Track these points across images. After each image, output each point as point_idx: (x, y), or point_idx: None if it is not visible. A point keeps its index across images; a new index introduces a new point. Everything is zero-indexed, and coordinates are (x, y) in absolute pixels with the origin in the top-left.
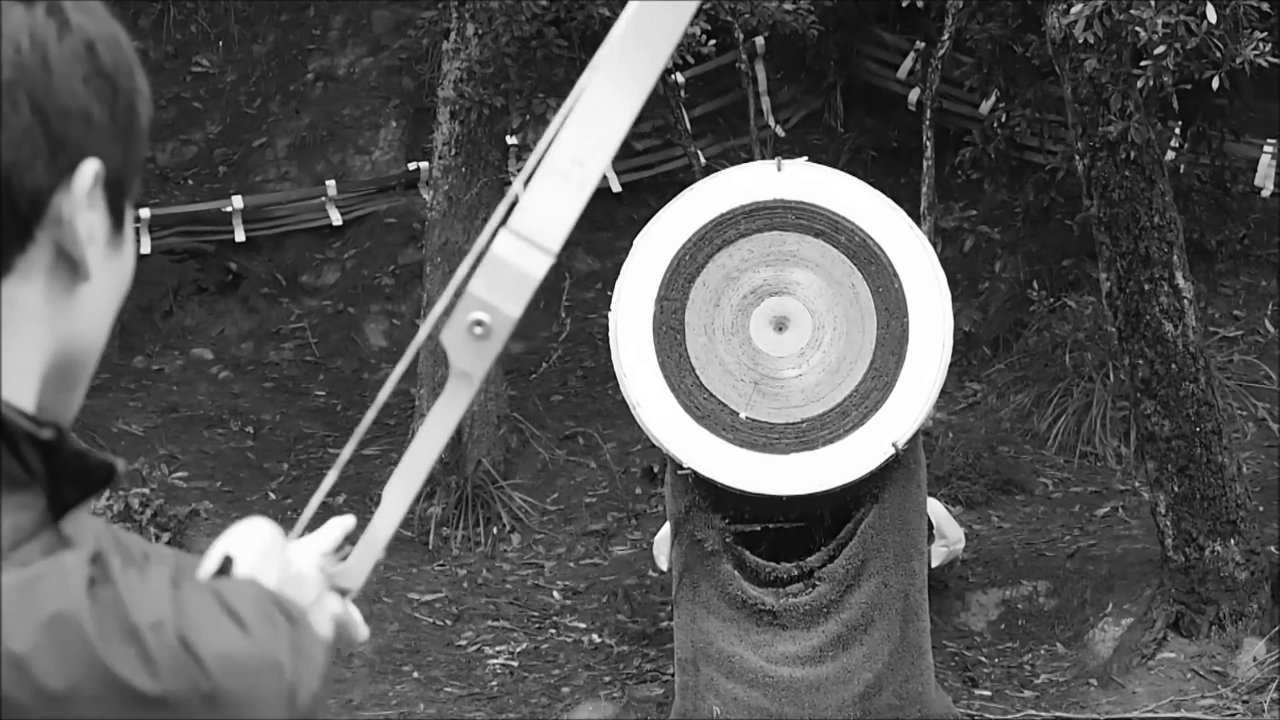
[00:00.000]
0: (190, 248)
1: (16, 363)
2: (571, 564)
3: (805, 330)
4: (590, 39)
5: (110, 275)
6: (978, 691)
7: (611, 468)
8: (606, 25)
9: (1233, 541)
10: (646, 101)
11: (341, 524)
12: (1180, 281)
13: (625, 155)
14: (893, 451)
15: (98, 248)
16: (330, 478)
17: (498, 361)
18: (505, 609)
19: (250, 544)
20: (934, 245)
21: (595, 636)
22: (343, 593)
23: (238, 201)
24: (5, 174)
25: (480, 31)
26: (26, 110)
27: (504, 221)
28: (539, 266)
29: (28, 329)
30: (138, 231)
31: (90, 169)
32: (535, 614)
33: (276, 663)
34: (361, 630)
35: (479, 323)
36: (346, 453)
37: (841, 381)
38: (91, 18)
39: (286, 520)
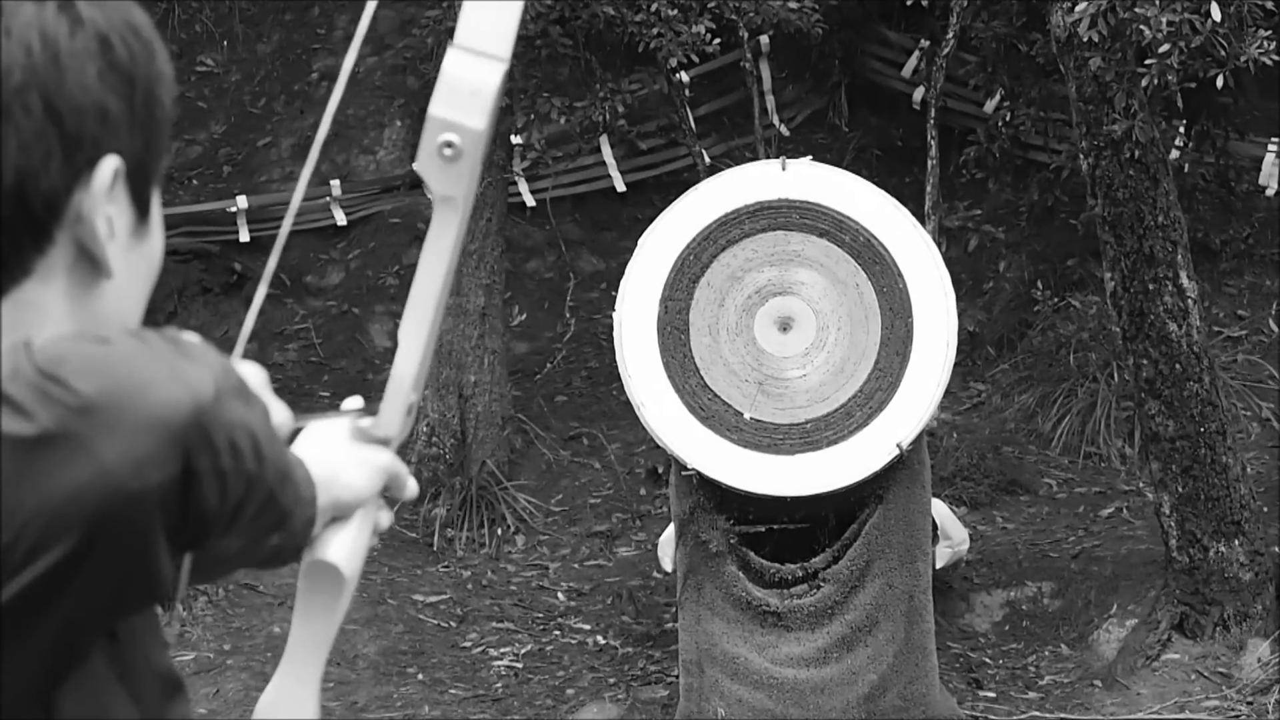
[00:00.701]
0: (194, 248)
1: None
2: (576, 565)
3: (810, 330)
4: (595, 38)
5: (136, 265)
6: (982, 693)
7: (616, 469)
8: (611, 24)
9: (1237, 542)
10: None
11: (351, 402)
12: (1184, 281)
13: (629, 155)
14: (897, 452)
15: (120, 241)
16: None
17: (501, 361)
18: (510, 611)
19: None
20: (938, 245)
21: (600, 638)
22: (384, 442)
23: (242, 201)
24: (19, 179)
25: None
26: (39, 111)
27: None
28: (493, 74)
29: (49, 328)
30: None
31: (109, 166)
32: (540, 615)
33: (147, 359)
34: (410, 484)
35: (448, 144)
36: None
37: (846, 382)
38: (104, 10)
39: None
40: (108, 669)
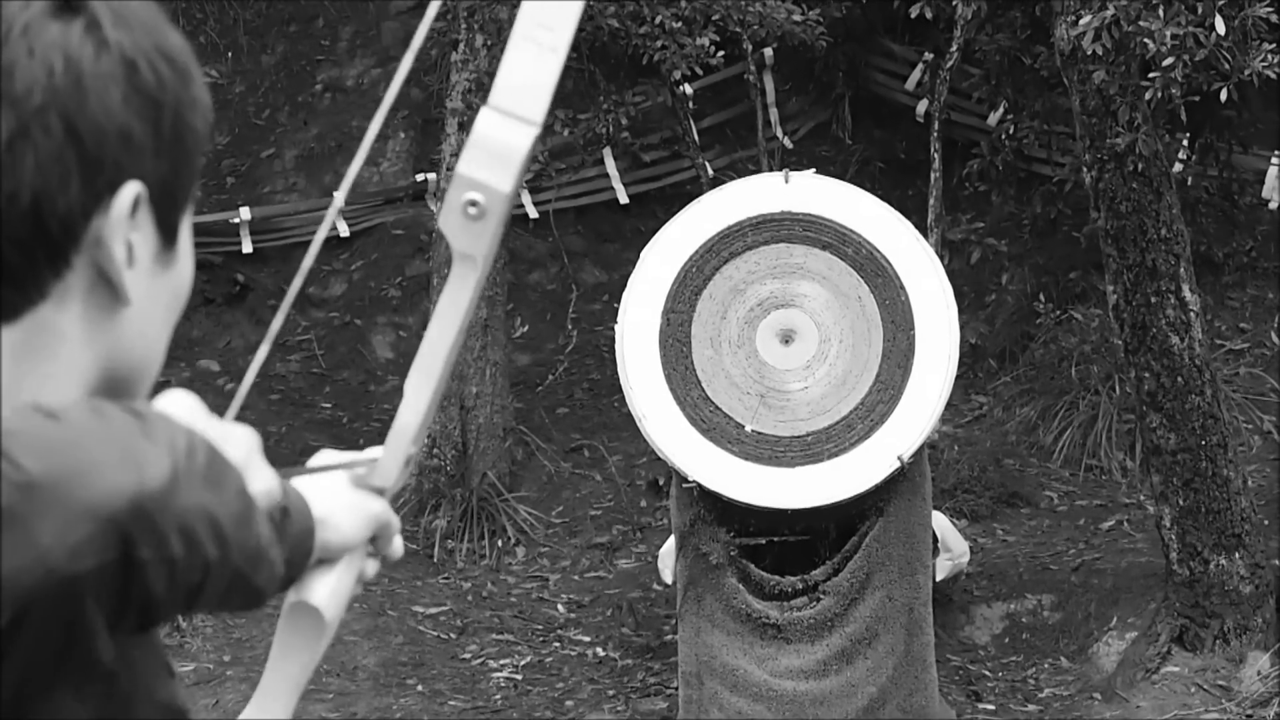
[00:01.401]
0: (197, 259)
1: (51, 387)
2: (576, 577)
3: (811, 343)
4: (599, 50)
5: (160, 292)
6: (981, 705)
7: (617, 480)
8: (615, 36)
9: (1237, 555)
10: (655, 113)
11: (372, 452)
12: (1187, 294)
13: (633, 167)
14: (898, 465)
15: (142, 268)
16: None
17: (503, 373)
18: (510, 622)
19: (171, 406)
20: (941, 257)
21: (600, 650)
22: (379, 492)
23: (245, 213)
24: (36, 200)
25: (489, 43)
26: (60, 133)
27: (484, 101)
28: (524, 138)
29: (64, 353)
30: None
31: (130, 192)
32: (540, 627)
33: (99, 438)
34: (398, 542)
35: (473, 203)
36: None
37: (848, 394)
38: (132, 32)
39: None
40: (99, 710)
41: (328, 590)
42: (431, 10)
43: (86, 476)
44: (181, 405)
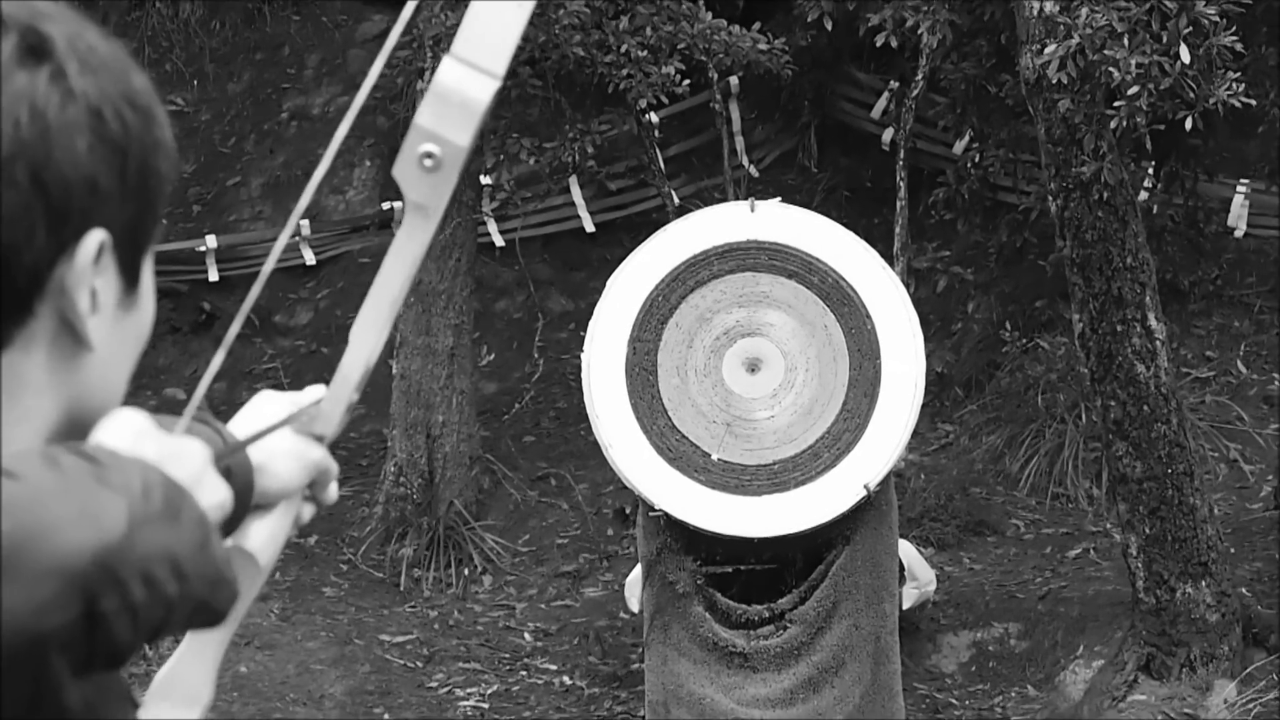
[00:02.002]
0: (164, 287)
1: (14, 434)
2: (543, 605)
3: (778, 371)
4: (565, 79)
5: (124, 335)
6: None
7: (584, 509)
8: (581, 65)
9: (1204, 583)
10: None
11: (314, 391)
12: (1153, 322)
13: (599, 195)
14: (864, 493)
15: (106, 312)
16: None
17: (470, 401)
18: (476, 651)
19: (122, 427)
20: (907, 286)
21: (567, 678)
22: (319, 438)
23: (211, 241)
24: (2, 251)
25: None
26: (26, 184)
27: (446, 48)
28: (485, 91)
29: (27, 399)
30: None
31: (94, 241)
32: (507, 656)
33: (57, 495)
34: (333, 488)
35: (429, 154)
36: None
37: (814, 423)
38: (98, 79)
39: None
40: None
41: (264, 536)
42: (392, 38)
43: (47, 536)
44: (131, 427)
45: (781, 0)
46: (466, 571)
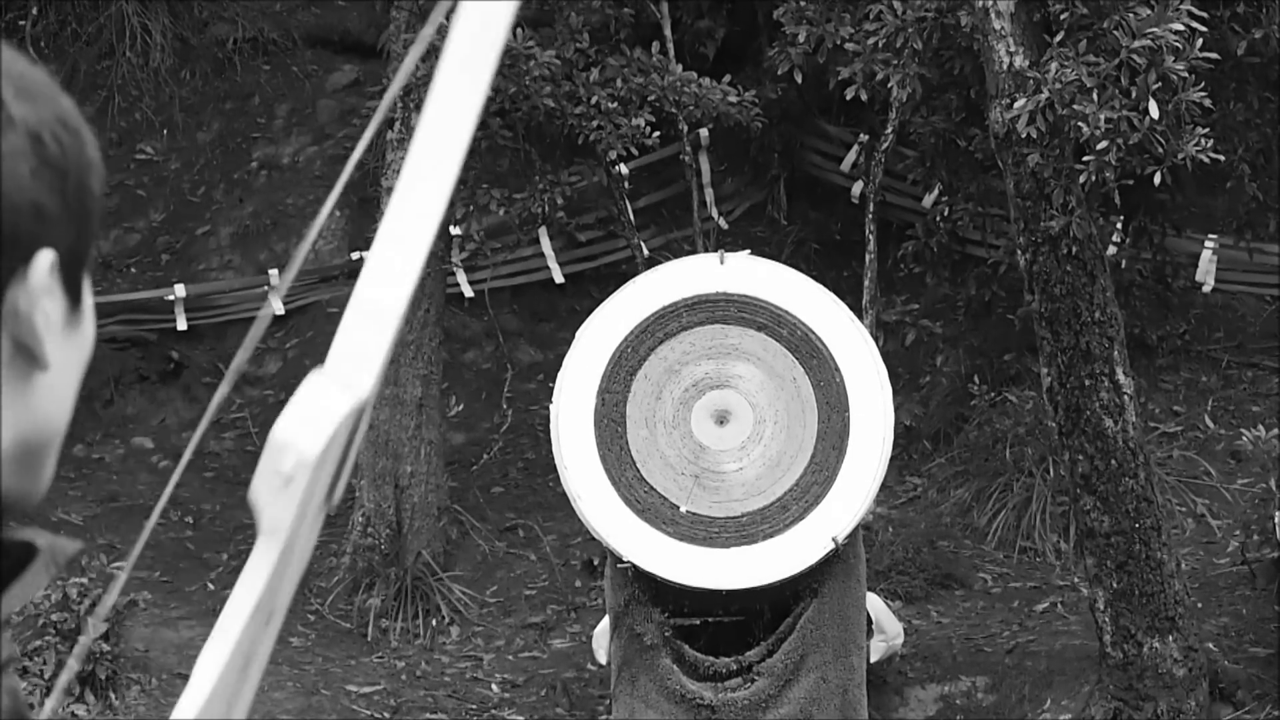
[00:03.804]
0: (132, 336)
1: None
2: (510, 656)
3: (747, 424)
4: (535, 130)
5: (70, 353)
6: None
7: (551, 560)
8: (551, 116)
9: (1171, 638)
10: (590, 192)
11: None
12: (1120, 377)
13: (568, 246)
14: (833, 546)
15: (55, 331)
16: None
17: (438, 452)
18: (444, 701)
19: None
20: (875, 339)
21: None
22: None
23: (180, 290)
24: None
25: None
26: None
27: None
28: (343, 404)
29: None
30: None
31: (45, 261)
32: (474, 706)
33: None
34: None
35: (279, 470)
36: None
37: (782, 475)
38: (34, 104)
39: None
40: None
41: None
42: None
43: None
44: None
45: (752, 53)
46: (434, 622)
